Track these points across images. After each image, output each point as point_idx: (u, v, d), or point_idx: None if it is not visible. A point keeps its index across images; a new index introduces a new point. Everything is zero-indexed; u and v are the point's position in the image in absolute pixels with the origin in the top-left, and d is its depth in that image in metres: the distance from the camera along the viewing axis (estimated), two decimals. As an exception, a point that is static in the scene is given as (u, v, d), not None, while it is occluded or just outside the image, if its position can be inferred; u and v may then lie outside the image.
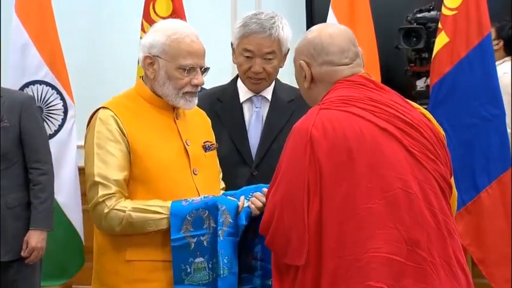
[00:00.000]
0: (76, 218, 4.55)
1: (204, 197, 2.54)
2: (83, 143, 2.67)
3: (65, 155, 4.49)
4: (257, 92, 3.13)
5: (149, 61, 2.62)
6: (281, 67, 3.11)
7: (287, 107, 3.08)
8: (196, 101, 2.68)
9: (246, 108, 3.14)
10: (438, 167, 2.27)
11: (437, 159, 2.28)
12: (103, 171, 2.52)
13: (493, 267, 4.40)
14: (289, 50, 3.06)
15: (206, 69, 2.66)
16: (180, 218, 2.48)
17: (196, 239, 2.48)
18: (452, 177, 2.38)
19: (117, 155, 2.53)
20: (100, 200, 2.50)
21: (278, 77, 3.21)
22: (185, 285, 2.49)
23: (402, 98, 2.39)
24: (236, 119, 3.12)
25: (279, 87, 3.16)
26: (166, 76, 2.60)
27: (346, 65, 2.37)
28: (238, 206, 2.51)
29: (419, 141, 2.26)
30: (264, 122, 3.11)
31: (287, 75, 3.12)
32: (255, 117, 3.12)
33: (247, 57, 3.01)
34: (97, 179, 2.52)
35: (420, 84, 4.77)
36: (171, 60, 2.59)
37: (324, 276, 2.17)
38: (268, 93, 3.15)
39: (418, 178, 2.21)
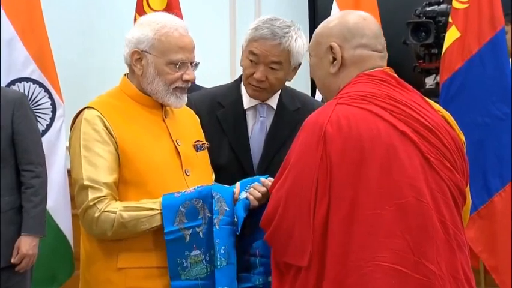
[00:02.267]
0: (64, 223, 4.44)
1: (198, 187, 2.50)
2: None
3: (53, 156, 4.36)
4: (261, 100, 3.04)
5: (137, 56, 2.57)
6: (289, 80, 3.02)
7: (292, 117, 3.00)
8: (186, 98, 2.63)
9: (250, 117, 3.06)
10: (454, 177, 2.22)
11: (453, 168, 2.23)
12: (92, 174, 2.46)
13: (507, 275, 4.31)
14: (300, 64, 2.98)
15: (196, 64, 2.64)
16: (173, 210, 2.44)
17: (191, 230, 2.44)
18: (468, 187, 2.33)
19: (106, 156, 2.48)
20: (91, 203, 2.44)
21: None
22: (182, 281, 2.44)
23: (424, 99, 2.32)
24: (239, 128, 3.04)
25: (285, 95, 3.08)
26: (156, 72, 2.56)
27: (379, 51, 2.32)
28: (234, 193, 2.49)
29: (437, 148, 2.20)
30: (267, 132, 3.04)
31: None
32: (258, 127, 3.04)
33: (252, 61, 2.93)
34: (86, 182, 2.46)
35: (430, 81, 4.78)
36: (161, 56, 2.54)
37: (327, 280, 2.13)
38: (273, 101, 3.06)
39: (431, 187, 2.16)
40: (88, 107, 2.54)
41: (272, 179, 2.47)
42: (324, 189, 2.13)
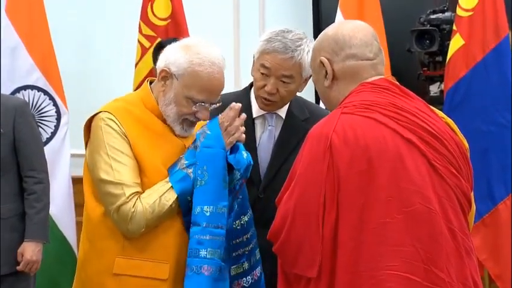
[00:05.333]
0: (68, 230, 4.46)
1: None
2: (76, 152, 2.66)
3: (58, 164, 4.38)
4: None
5: (165, 75, 2.54)
6: (299, 92, 3.00)
7: (301, 127, 2.96)
8: (192, 131, 2.61)
9: (258, 125, 3.03)
10: (460, 183, 2.22)
11: (459, 174, 2.22)
12: (123, 175, 2.45)
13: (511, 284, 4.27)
14: (311, 75, 2.94)
15: (215, 104, 2.59)
16: (174, 163, 2.50)
17: (192, 168, 2.47)
18: (472, 193, 2.32)
19: (131, 156, 2.47)
20: (128, 200, 2.43)
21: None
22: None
23: (427, 106, 2.32)
24: (247, 136, 2.97)
25: (295, 104, 3.05)
26: (174, 99, 2.53)
27: (369, 60, 2.29)
28: (217, 119, 2.53)
29: (443, 155, 2.20)
30: (275, 141, 3.01)
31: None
32: (267, 136, 3.02)
33: (263, 74, 2.90)
34: (119, 180, 2.44)
35: (434, 89, 4.68)
36: (185, 88, 2.52)
37: None
38: (282, 111, 3.03)
39: (439, 194, 2.16)
40: (104, 111, 2.52)
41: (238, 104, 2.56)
42: (332, 199, 2.12)
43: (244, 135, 2.56)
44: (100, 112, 2.52)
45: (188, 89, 2.50)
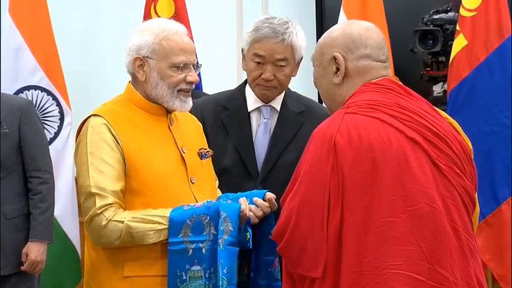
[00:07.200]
0: (72, 230, 4.45)
1: (207, 202, 2.49)
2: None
3: (61, 164, 4.38)
4: (267, 101, 3.04)
5: (139, 63, 2.56)
6: (294, 76, 3.03)
7: (296, 120, 3.03)
8: (190, 102, 2.62)
9: (254, 118, 3.05)
10: (464, 182, 2.21)
11: (463, 174, 2.22)
12: (100, 182, 2.44)
13: (515, 284, 4.29)
14: (302, 58, 3.00)
15: (198, 66, 2.63)
16: (179, 223, 2.43)
17: (194, 245, 2.43)
18: (476, 193, 2.31)
19: (113, 164, 2.46)
20: (98, 211, 2.42)
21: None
22: None
23: (431, 106, 2.31)
24: (243, 130, 3.04)
25: (289, 97, 3.09)
26: (159, 76, 2.55)
27: (382, 62, 2.30)
28: (240, 210, 2.46)
29: (447, 154, 2.19)
30: (271, 134, 3.03)
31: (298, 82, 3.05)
32: (262, 129, 3.04)
33: (258, 63, 2.93)
34: (93, 190, 2.44)
35: (437, 89, 4.69)
36: (163, 60, 2.54)
37: None
38: (277, 103, 3.06)
39: (442, 193, 2.15)
40: (94, 115, 2.53)
41: (272, 194, 2.54)
42: (336, 199, 2.12)
43: (257, 219, 2.53)
44: (91, 116, 2.53)
45: (166, 58, 2.53)
